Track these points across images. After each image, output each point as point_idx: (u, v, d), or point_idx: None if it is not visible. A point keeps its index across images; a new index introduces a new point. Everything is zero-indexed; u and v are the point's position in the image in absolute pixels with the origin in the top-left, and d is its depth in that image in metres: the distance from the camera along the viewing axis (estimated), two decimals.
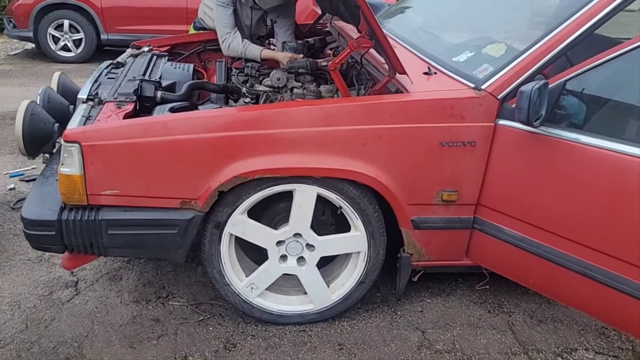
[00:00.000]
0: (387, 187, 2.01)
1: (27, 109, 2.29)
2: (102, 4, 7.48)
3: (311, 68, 2.63)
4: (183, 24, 7.68)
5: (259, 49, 2.86)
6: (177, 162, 1.93)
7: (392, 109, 1.96)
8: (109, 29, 7.58)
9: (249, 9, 2.97)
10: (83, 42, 7.58)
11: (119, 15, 7.54)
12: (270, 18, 3.03)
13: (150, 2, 7.60)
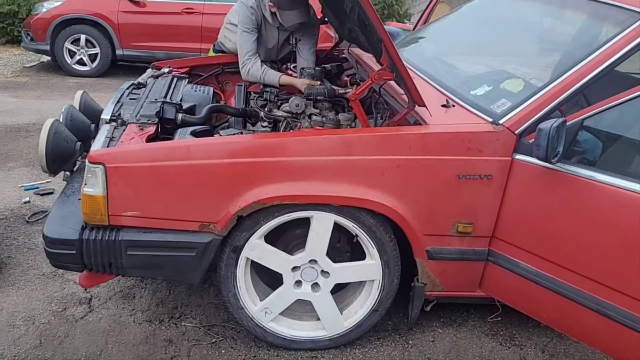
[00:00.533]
0: (403, 217, 2.03)
1: (51, 127, 2.34)
2: (118, 20, 7.61)
3: (329, 95, 2.68)
4: (197, 42, 7.80)
5: (277, 74, 2.91)
6: (197, 186, 1.97)
7: (411, 140, 1.99)
8: (125, 44, 7.70)
9: (275, 30, 3.03)
10: (98, 57, 7.69)
11: (134, 31, 7.66)
12: (295, 37, 3.09)
13: (166, 20, 7.72)
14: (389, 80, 2.02)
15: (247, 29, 2.94)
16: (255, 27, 2.96)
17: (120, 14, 7.61)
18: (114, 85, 7.34)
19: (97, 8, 7.59)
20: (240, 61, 2.97)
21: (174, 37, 7.74)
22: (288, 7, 2.81)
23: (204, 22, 7.75)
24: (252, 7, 2.94)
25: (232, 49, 3.32)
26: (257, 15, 2.96)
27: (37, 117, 5.54)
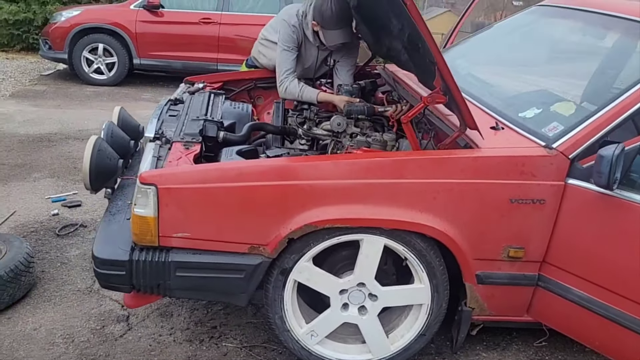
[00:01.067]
0: (454, 242, 2.01)
1: (95, 144, 2.33)
2: (136, 30, 7.64)
3: (368, 113, 2.67)
4: (214, 52, 7.83)
5: (315, 92, 2.89)
6: (248, 208, 1.95)
7: (463, 164, 1.97)
8: (142, 54, 7.73)
9: (315, 49, 3.02)
10: (116, 66, 7.72)
11: (152, 41, 7.69)
12: (334, 58, 3.08)
13: (184, 30, 7.75)
14: (441, 103, 2.01)
15: (287, 47, 2.93)
16: (296, 46, 2.96)
17: (138, 23, 7.64)
18: (132, 95, 7.37)
19: (116, 17, 7.63)
20: (278, 79, 2.96)
21: (190, 47, 7.76)
22: (332, 27, 2.80)
23: (220, 32, 7.77)
24: (294, 25, 2.93)
25: (266, 64, 3.32)
26: (299, 33, 2.95)
27: (59, 127, 5.56)
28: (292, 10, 3.02)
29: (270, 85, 3.41)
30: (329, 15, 2.76)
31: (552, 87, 2.62)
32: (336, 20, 2.78)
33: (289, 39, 2.94)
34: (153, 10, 7.67)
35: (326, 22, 2.79)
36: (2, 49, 9.77)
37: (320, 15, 2.79)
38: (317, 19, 2.83)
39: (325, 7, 2.76)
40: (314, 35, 2.94)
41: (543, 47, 3.05)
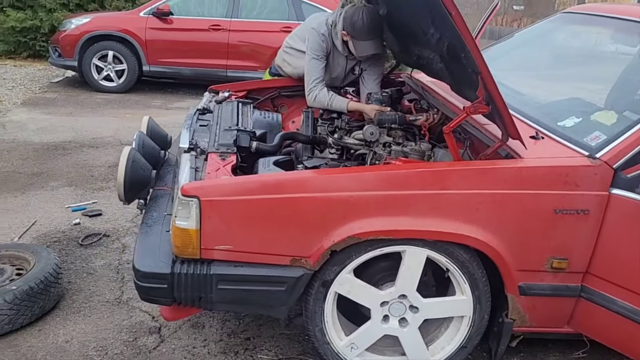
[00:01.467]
0: (498, 253, 1.99)
1: (129, 156, 2.31)
2: (146, 37, 7.64)
3: (400, 122, 2.65)
4: (223, 58, 7.83)
5: (345, 101, 2.88)
6: (291, 220, 1.94)
7: (507, 174, 1.96)
8: (151, 61, 7.73)
9: (343, 59, 3.01)
10: (125, 73, 7.72)
11: (162, 48, 7.69)
12: (361, 67, 3.07)
13: (193, 37, 7.75)
14: (484, 113, 2.00)
15: (316, 56, 2.92)
16: (325, 55, 2.94)
17: (148, 30, 7.65)
18: (142, 102, 7.36)
19: (125, 25, 7.64)
20: (306, 87, 2.94)
21: (200, 54, 7.76)
22: (363, 38, 2.79)
23: (230, 39, 7.77)
24: (323, 34, 2.92)
25: (291, 73, 3.30)
26: (328, 42, 2.94)
27: (73, 135, 5.54)
28: (320, 19, 3.01)
29: (294, 94, 3.40)
30: (360, 25, 2.75)
31: (584, 95, 2.61)
32: (367, 31, 2.76)
33: (318, 47, 2.92)
34: (163, 18, 7.67)
35: (357, 32, 2.78)
36: (9, 57, 9.77)
37: (352, 25, 2.78)
38: (348, 30, 2.82)
39: (357, 17, 2.75)
40: (343, 45, 2.93)
41: (570, 55, 3.04)
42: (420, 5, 2.25)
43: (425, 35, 2.38)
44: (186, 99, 7.78)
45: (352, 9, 2.83)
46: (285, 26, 7.88)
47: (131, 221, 3.69)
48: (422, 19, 2.34)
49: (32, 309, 2.49)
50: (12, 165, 4.60)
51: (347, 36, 2.86)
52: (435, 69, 2.56)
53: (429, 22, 2.22)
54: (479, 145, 2.31)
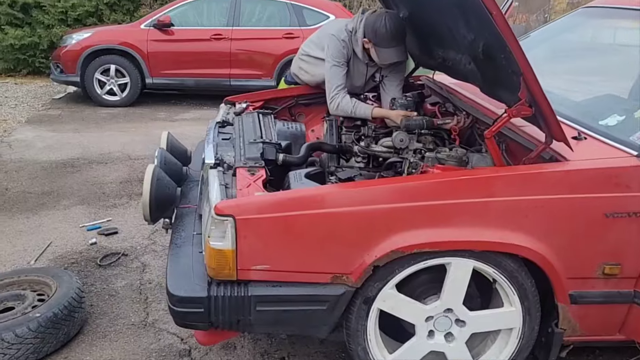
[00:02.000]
0: (548, 261, 1.91)
1: (154, 174, 2.23)
2: (148, 49, 7.58)
3: (428, 127, 2.57)
4: (226, 68, 7.76)
5: (369, 107, 2.79)
6: (331, 236, 1.85)
7: (555, 178, 1.88)
8: (154, 73, 7.66)
9: (363, 66, 2.92)
10: (128, 86, 7.65)
11: (164, 59, 7.62)
12: (383, 74, 2.98)
13: (195, 47, 7.68)
14: (527, 115, 1.91)
15: (337, 63, 2.83)
16: (346, 61, 2.86)
17: (149, 42, 7.58)
18: (147, 115, 7.28)
19: (127, 38, 7.57)
20: (328, 95, 2.86)
21: (203, 64, 7.69)
22: (386, 45, 2.70)
23: (232, 48, 7.70)
24: (343, 40, 2.84)
25: (308, 80, 3.22)
26: (348, 49, 2.85)
27: (80, 151, 5.46)
28: (339, 25, 2.93)
29: (312, 102, 3.32)
30: (383, 32, 2.66)
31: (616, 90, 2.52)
32: (391, 38, 2.68)
33: (339, 54, 2.84)
34: (164, 29, 7.60)
35: (380, 40, 2.69)
36: (9, 74, 9.70)
37: (374, 32, 2.69)
38: (370, 37, 2.73)
39: (379, 24, 2.67)
40: (364, 52, 2.84)
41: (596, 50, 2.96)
42: (449, 7, 2.16)
43: (455, 37, 2.30)
44: (191, 110, 7.71)
45: (374, 16, 2.74)
46: (287, 33, 7.83)
47: (148, 238, 3.60)
48: (451, 20, 2.26)
49: (56, 336, 2.40)
50: (21, 185, 4.51)
51: (368, 43, 2.77)
52: (463, 70, 2.48)
53: (461, 24, 2.14)
54: (516, 148, 2.22)
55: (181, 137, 5.95)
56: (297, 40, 7.75)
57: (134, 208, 4.12)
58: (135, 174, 4.88)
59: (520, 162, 2.04)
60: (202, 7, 7.95)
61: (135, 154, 5.44)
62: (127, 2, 10.06)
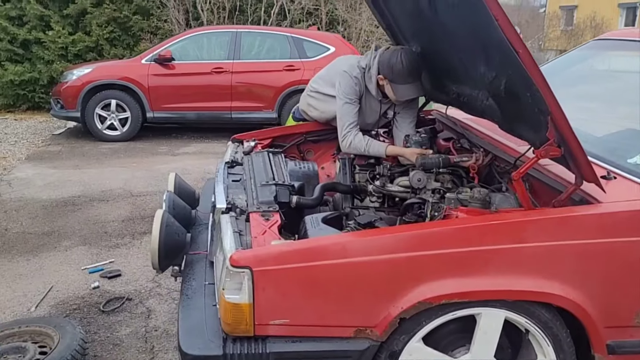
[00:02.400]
0: (584, 310, 1.80)
1: (162, 220, 2.13)
2: (149, 84, 7.56)
3: (444, 165, 2.48)
4: (227, 101, 7.73)
5: (383, 145, 2.71)
6: (355, 287, 1.74)
7: (589, 222, 1.78)
8: (155, 107, 7.64)
9: (376, 103, 2.85)
10: (129, 121, 7.61)
11: (165, 93, 7.61)
12: (395, 110, 2.91)
13: (196, 81, 7.68)
14: (556, 156, 1.82)
15: (349, 100, 2.76)
16: (358, 98, 2.79)
17: (150, 77, 7.57)
18: (148, 149, 7.21)
19: (128, 73, 7.55)
20: (340, 133, 2.78)
21: (204, 97, 7.69)
22: (403, 81, 2.63)
23: (233, 81, 7.69)
24: (356, 77, 2.77)
25: (317, 117, 3.15)
26: (361, 86, 2.79)
27: (81, 189, 5.36)
28: (351, 61, 2.87)
29: (321, 139, 3.24)
30: (400, 69, 2.60)
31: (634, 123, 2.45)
32: (407, 74, 2.61)
33: (351, 91, 2.77)
34: (165, 64, 7.61)
35: (396, 76, 2.63)
36: (8, 110, 9.67)
37: (390, 69, 2.63)
38: (385, 73, 2.66)
39: (395, 60, 2.60)
40: (377, 89, 2.78)
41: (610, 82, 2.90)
42: (468, 44, 2.10)
43: (471, 73, 2.23)
44: (192, 144, 7.65)
45: (389, 52, 2.68)
46: (288, 65, 7.83)
47: (153, 281, 3.48)
48: (468, 56, 2.20)
49: None
50: (21, 226, 4.40)
51: (383, 80, 2.70)
52: (480, 106, 2.39)
53: (481, 61, 2.07)
54: (540, 189, 2.13)
55: (184, 173, 5.94)
56: (297, 72, 7.76)
57: (137, 248, 4.01)
58: (137, 211, 4.77)
59: (545, 203, 1.95)
60: (202, 41, 7.98)
61: (137, 191, 5.35)
62: (127, 37, 10.11)
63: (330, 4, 11.00)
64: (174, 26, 10.19)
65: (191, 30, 8.55)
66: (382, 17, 2.96)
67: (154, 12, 10.20)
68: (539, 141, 1.95)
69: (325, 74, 3.08)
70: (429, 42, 2.61)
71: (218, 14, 10.43)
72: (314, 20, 10.80)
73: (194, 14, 10.44)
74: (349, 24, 11.12)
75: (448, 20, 2.20)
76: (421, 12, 2.40)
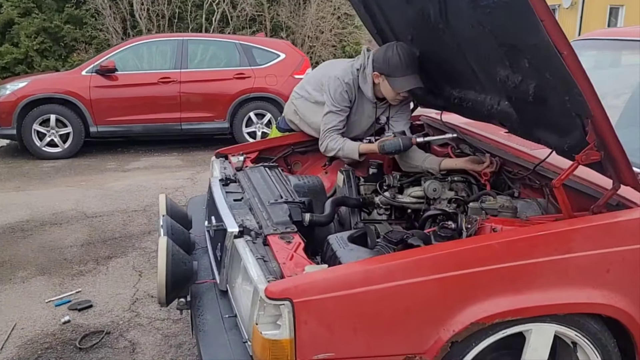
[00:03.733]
0: (633, 318, 1.74)
1: (168, 248, 1.91)
2: (91, 96, 7.14)
3: (404, 146, 2.43)
4: (176, 111, 7.44)
5: (356, 144, 2.63)
6: (403, 312, 1.61)
7: (634, 227, 1.73)
8: (99, 121, 7.23)
9: (370, 106, 2.74)
10: (71, 136, 7.17)
11: (109, 106, 7.23)
12: (389, 115, 2.80)
13: (142, 92, 7.35)
14: (595, 160, 1.76)
15: (336, 108, 2.65)
16: (347, 107, 2.68)
17: (92, 89, 7.17)
18: (95, 166, 6.80)
19: (67, 85, 7.11)
20: (320, 137, 2.69)
21: (151, 109, 7.36)
22: (401, 74, 2.54)
23: (182, 90, 7.40)
24: (347, 83, 2.65)
25: (305, 126, 2.99)
26: (353, 92, 2.67)
27: (28, 212, 4.94)
28: (343, 65, 2.74)
29: (308, 150, 3.10)
30: (397, 61, 2.50)
31: None
32: (405, 66, 2.52)
33: (341, 98, 2.65)
34: (107, 75, 7.20)
35: (393, 69, 2.53)
36: None
37: (386, 63, 2.53)
38: (381, 68, 2.56)
39: (391, 53, 2.52)
40: (373, 89, 2.66)
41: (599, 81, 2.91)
42: (487, 48, 2.01)
43: (485, 79, 2.16)
44: (141, 158, 7.28)
45: (383, 48, 2.59)
46: (238, 73, 7.62)
47: (129, 310, 3.21)
48: (484, 61, 2.12)
49: None
50: None
51: (379, 77, 2.60)
52: (488, 111, 2.32)
53: (503, 65, 1.98)
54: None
55: (140, 189, 5.63)
56: (248, 80, 7.57)
57: (105, 274, 3.70)
58: (96, 234, 4.44)
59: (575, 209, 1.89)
60: (146, 51, 7.64)
61: (91, 211, 4.98)
62: (59, 48, 9.58)
63: (273, 10, 10.85)
64: (110, 35, 9.75)
65: (134, 38, 8.16)
66: (373, 22, 2.84)
67: (88, 21, 9.72)
68: (567, 145, 1.89)
69: (312, 80, 2.93)
70: (429, 47, 2.52)
71: (157, 22, 10.06)
72: (257, 26, 10.61)
73: (132, 22, 10.03)
74: (292, 30, 11.01)
75: (461, 25, 2.11)
76: (425, 17, 2.30)
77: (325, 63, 3.06)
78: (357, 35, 12.49)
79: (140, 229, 4.51)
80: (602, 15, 23.26)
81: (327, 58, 11.32)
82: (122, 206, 5.11)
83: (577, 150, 1.78)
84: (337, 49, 11.61)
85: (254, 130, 7.65)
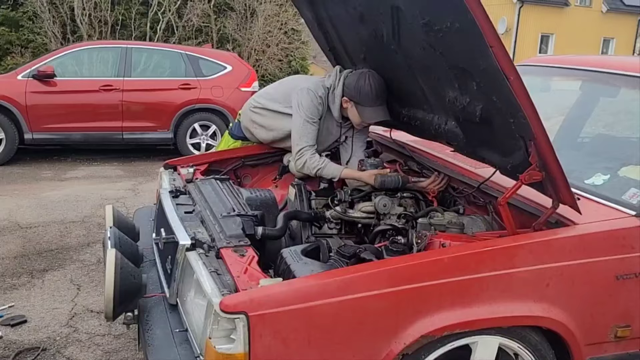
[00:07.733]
0: (569, 330, 1.84)
1: (117, 261, 1.86)
2: (27, 102, 6.86)
3: (403, 184, 2.47)
4: (118, 120, 7.25)
5: (339, 168, 2.63)
6: (357, 325, 1.64)
7: (571, 244, 1.84)
8: (35, 127, 6.95)
9: (335, 126, 2.77)
10: (3, 143, 6.84)
11: (46, 113, 6.96)
12: (348, 135, 2.84)
13: (82, 99, 7.12)
14: (537, 180, 1.86)
15: (310, 119, 2.65)
16: (319, 119, 2.69)
17: (28, 95, 6.88)
18: (29, 174, 6.52)
19: (1, 90, 6.79)
20: (295, 150, 2.66)
21: (91, 117, 7.13)
22: (371, 104, 2.57)
23: (124, 99, 7.22)
24: (320, 97, 2.67)
25: (264, 135, 2.95)
26: (323, 106, 2.70)
27: None
28: (313, 80, 2.77)
29: (259, 163, 3.10)
30: (368, 91, 2.54)
31: None
32: (375, 97, 2.56)
33: (314, 110, 2.66)
34: (45, 80, 6.94)
35: (363, 98, 2.56)
36: None
37: (357, 91, 2.56)
38: (352, 95, 2.60)
39: (363, 82, 2.54)
40: (340, 111, 2.71)
41: None
42: (437, 70, 2.10)
43: (434, 99, 2.24)
44: (79, 167, 7.03)
45: (356, 75, 2.61)
46: (183, 83, 7.53)
47: (67, 325, 3.08)
48: (434, 83, 2.20)
49: None
50: None
51: (348, 102, 2.64)
52: (435, 130, 2.41)
53: (451, 87, 2.07)
54: None
55: (78, 200, 5.44)
56: (194, 91, 7.49)
57: (40, 288, 3.54)
58: (31, 245, 4.24)
59: (517, 226, 1.98)
60: (88, 57, 7.41)
61: (25, 222, 4.76)
62: None
63: (220, 22, 10.80)
64: (49, 39, 9.41)
65: (76, 44, 7.92)
66: (326, 40, 2.90)
67: (25, 24, 9.34)
68: (510, 165, 1.99)
69: (274, 91, 2.92)
70: (381, 66, 2.59)
71: (99, 28, 9.81)
72: (204, 37, 10.52)
73: (72, 27, 9.72)
74: (239, 42, 10.99)
75: (413, 46, 2.18)
76: (378, 37, 2.37)
77: (293, 77, 3.08)
78: (303, 50, 12.62)
79: (79, 241, 4.35)
80: (534, 42, 24.54)
81: (273, 72, 11.35)
82: (59, 217, 4.91)
83: (520, 170, 1.88)
84: (283, 63, 11.67)
85: (198, 141, 7.54)
